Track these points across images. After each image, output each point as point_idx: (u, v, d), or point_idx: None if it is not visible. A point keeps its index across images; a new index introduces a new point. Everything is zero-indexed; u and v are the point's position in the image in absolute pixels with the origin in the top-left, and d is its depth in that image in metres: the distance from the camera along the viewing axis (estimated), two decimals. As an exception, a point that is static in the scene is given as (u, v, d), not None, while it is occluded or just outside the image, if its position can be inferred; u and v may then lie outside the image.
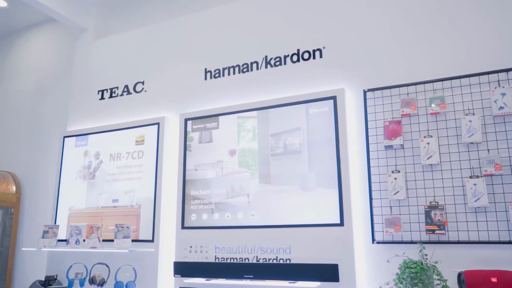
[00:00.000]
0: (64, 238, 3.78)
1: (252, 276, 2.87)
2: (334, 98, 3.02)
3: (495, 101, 2.60)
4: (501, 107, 2.57)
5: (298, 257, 2.86)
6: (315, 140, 3.03)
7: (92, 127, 4.06)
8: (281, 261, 2.89)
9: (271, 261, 2.92)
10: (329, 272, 2.69)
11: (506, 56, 2.68)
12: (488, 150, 2.60)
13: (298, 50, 3.34)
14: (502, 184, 2.53)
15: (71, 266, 3.54)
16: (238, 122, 3.34)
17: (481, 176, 2.56)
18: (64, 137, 4.16)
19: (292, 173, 3.04)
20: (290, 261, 2.87)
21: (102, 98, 4.18)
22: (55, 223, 3.94)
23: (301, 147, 3.06)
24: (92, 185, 3.86)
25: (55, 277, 3.67)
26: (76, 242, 3.50)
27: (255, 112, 3.29)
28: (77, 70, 4.43)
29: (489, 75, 2.68)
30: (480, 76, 2.70)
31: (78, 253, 3.65)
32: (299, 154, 3.05)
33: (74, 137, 4.10)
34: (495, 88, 2.62)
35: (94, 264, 3.43)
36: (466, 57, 2.78)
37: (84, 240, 3.43)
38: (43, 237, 3.58)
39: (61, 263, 3.73)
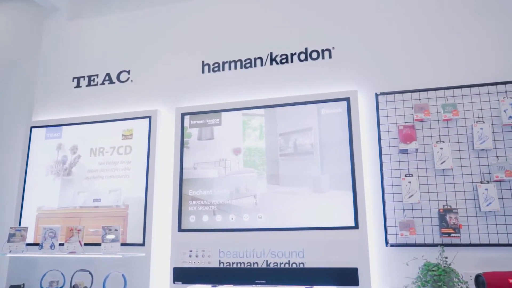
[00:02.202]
0: (32, 242, 3.34)
1: (264, 282, 2.73)
2: (347, 99, 2.99)
3: (504, 111, 2.73)
4: (511, 117, 2.71)
5: (312, 261, 2.77)
6: (327, 141, 2.97)
7: (67, 117, 3.63)
8: (294, 265, 2.78)
9: (283, 266, 2.80)
10: (348, 276, 2.64)
11: (513, 69, 2.84)
12: (497, 157, 2.73)
13: (306, 49, 3.27)
14: (511, 189, 2.67)
15: (45, 274, 3.12)
16: (243, 120, 3.17)
17: (492, 182, 2.68)
18: (32, 127, 3.67)
19: (303, 174, 2.95)
20: (303, 265, 2.77)
21: (78, 86, 3.76)
22: (20, 224, 3.46)
23: (313, 147, 2.98)
24: (68, 183, 3.45)
25: (21, 286, 3.22)
26: (51, 247, 3.09)
27: (262, 110, 3.15)
28: (46, 53, 3.94)
29: (497, 85, 2.82)
30: (488, 86, 2.83)
31: (51, 259, 3.23)
32: (311, 155, 2.97)
33: (44, 128, 3.64)
34: (504, 98, 2.76)
35: (76, 272, 3.05)
36: (476, 67, 2.90)
37: (63, 244, 3.04)
38: (9, 241, 3.12)
39: (28, 270, 3.28)
